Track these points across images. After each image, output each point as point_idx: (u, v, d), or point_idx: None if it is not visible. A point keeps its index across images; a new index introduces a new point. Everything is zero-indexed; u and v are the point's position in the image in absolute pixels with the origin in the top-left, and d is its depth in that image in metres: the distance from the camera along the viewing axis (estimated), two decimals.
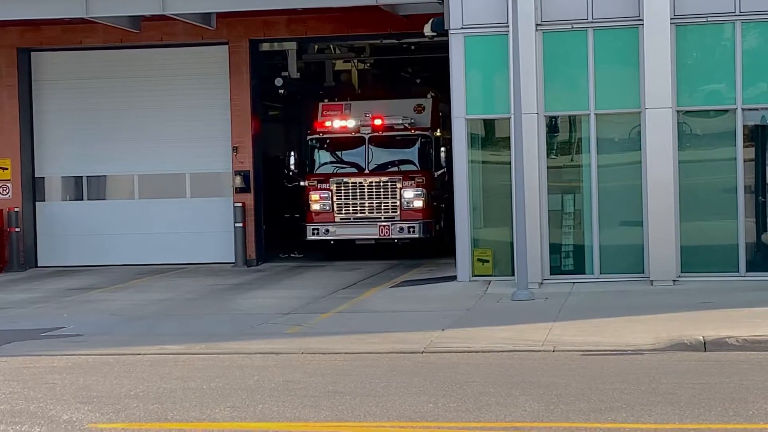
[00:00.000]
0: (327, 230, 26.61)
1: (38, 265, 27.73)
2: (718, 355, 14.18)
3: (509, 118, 20.33)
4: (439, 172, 26.83)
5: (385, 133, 26.81)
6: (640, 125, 20.51)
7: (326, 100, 27.62)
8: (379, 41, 28.64)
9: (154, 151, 27.45)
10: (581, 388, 12.21)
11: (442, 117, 27.03)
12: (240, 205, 26.58)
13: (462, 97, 21.03)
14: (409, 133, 26.81)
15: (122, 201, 27.98)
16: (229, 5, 22.99)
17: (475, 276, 21.01)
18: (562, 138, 21.26)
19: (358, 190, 26.51)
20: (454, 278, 21.26)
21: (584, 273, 20.75)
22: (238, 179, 26.69)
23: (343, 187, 26.59)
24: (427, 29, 22.25)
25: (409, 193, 26.41)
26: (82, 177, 28.10)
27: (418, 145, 26.91)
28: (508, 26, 20.15)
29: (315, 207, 26.67)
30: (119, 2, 23.01)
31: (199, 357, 14.96)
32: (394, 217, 26.39)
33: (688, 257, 20.38)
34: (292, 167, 27.56)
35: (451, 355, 14.63)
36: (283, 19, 25.79)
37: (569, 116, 21.11)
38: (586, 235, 20.76)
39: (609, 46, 20.65)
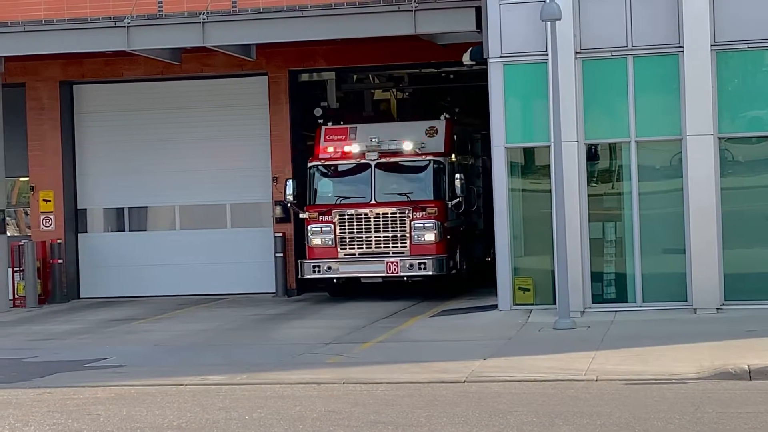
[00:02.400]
0: (329, 267, 24.20)
1: (80, 296, 27.89)
2: (764, 384, 14.04)
3: (549, 147, 20.28)
4: (454, 202, 24.45)
5: (393, 159, 24.57)
6: (681, 152, 20.40)
7: (330, 124, 25.60)
8: (417, 70, 28.64)
9: (194, 182, 27.59)
10: (625, 417, 12.11)
11: (458, 141, 25.61)
12: (280, 235, 26.64)
13: (501, 125, 21.01)
14: (419, 158, 24.61)
15: (163, 232, 28.13)
16: (269, 37, 23.13)
17: (516, 305, 20.92)
18: (602, 166, 21.19)
19: (363, 223, 24.21)
20: (494, 307, 21.18)
21: (626, 301, 20.62)
22: (278, 209, 26.75)
23: (347, 220, 24.28)
24: (466, 58, 22.31)
25: (419, 226, 24.04)
26: (123, 208, 28.29)
27: (430, 171, 24.62)
28: (547, 54, 20.11)
29: (316, 241, 24.38)
30: (160, 35, 23.21)
31: (240, 387, 14.98)
32: (403, 252, 24.02)
33: (731, 285, 20.21)
34: (290, 197, 24.93)
35: (494, 384, 14.56)
36: (322, 50, 25.92)
37: (609, 144, 21.04)
38: (628, 263, 20.64)
39: (649, 73, 20.58)
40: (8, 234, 26.60)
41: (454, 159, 25.06)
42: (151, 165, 27.87)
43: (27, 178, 28.02)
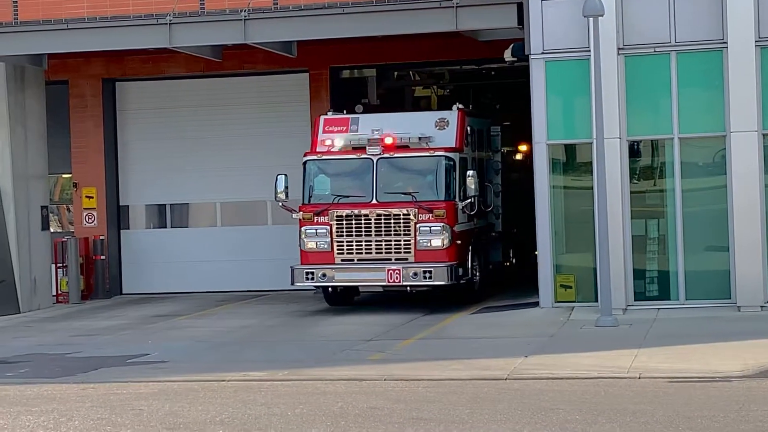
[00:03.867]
0: (323, 275, 21.74)
1: (122, 292, 28.05)
2: None
3: (591, 143, 20.20)
4: (466, 202, 22.02)
5: (397, 154, 21.97)
6: (724, 149, 20.25)
7: (329, 113, 23.44)
8: (458, 67, 28.57)
9: (235, 179, 27.67)
10: (668, 415, 12.04)
11: (472, 134, 23.07)
12: None
13: (543, 122, 20.94)
14: (427, 153, 22.10)
15: (205, 228, 28.24)
16: (310, 34, 23.12)
17: (558, 302, 20.85)
18: (644, 163, 21.07)
19: (363, 225, 21.71)
20: (535, 304, 21.11)
21: (669, 299, 20.49)
22: None
23: (344, 221, 21.79)
24: (508, 54, 22.24)
25: (425, 229, 21.54)
26: (165, 205, 28.42)
27: (439, 168, 22.00)
28: (589, 51, 20.02)
29: (310, 245, 21.94)
30: (202, 32, 23.27)
31: (282, 383, 15.01)
32: (407, 259, 21.54)
33: None
34: (280, 195, 22.48)
35: (535, 381, 14.52)
36: (363, 46, 25.89)
37: (652, 141, 20.92)
38: (671, 260, 20.52)
39: (692, 69, 20.44)
40: (51, 230, 26.80)
41: (466, 154, 22.69)
42: (192, 161, 27.99)
43: (70, 175, 28.23)
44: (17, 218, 24.82)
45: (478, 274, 22.80)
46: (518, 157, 27.03)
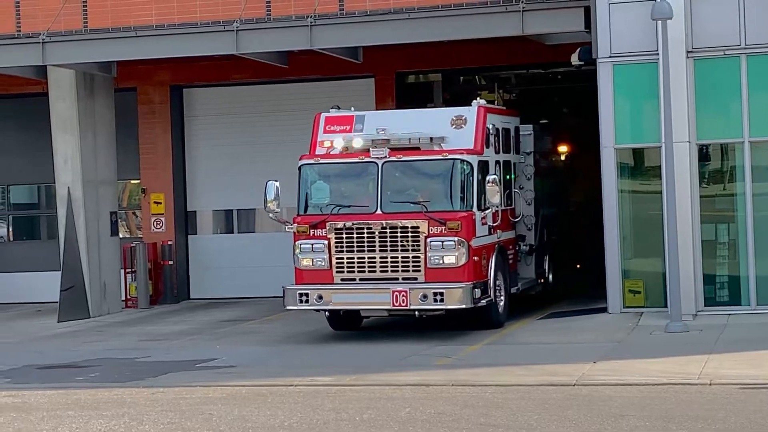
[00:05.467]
0: (319, 297, 19.10)
1: (190, 297, 28.25)
2: None
3: (659, 147, 20.03)
4: (486, 212, 19.39)
5: (405, 157, 19.25)
6: None
7: (331, 110, 20.87)
8: (524, 71, 28.46)
9: None
10: (740, 422, 11.89)
11: (496, 134, 20.49)
12: None
13: (611, 126, 20.79)
14: (440, 156, 19.34)
15: (271, 233, 28.30)
16: (376, 39, 23.14)
17: (627, 307, 20.67)
18: (714, 167, 20.86)
19: (366, 239, 19.03)
20: (603, 310, 20.95)
21: (740, 304, 20.25)
22: None
23: (344, 234, 19.11)
24: (574, 58, 22.09)
25: (437, 245, 18.78)
26: (232, 210, 28.60)
27: (453, 173, 19.24)
28: (657, 54, 19.86)
29: (305, 262, 19.27)
30: (268, 38, 23.40)
31: (350, 388, 15.04)
32: (416, 279, 18.82)
33: None
34: (271, 205, 19.70)
35: (604, 387, 14.41)
36: (428, 51, 25.86)
37: (722, 144, 20.70)
38: (742, 265, 20.26)
39: (763, 71, 20.17)
40: (120, 236, 27.07)
41: (487, 157, 19.94)
42: (258, 167, 28.09)
43: (138, 181, 28.50)
44: (87, 224, 25.10)
45: (502, 294, 20.14)
46: (560, 160, 25.43)
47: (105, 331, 22.89)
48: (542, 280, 22.82)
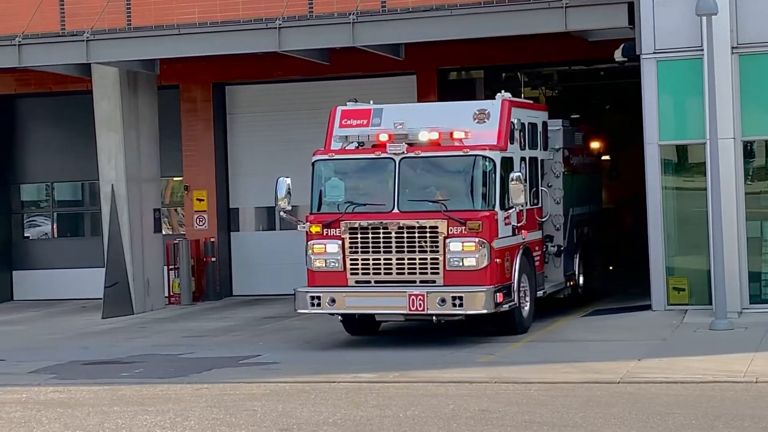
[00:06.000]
0: (332, 300, 18.21)
1: (233, 293, 28.36)
2: None
3: (704, 144, 19.88)
4: (509, 212, 18.46)
5: (424, 153, 18.39)
6: None
7: (348, 104, 19.95)
8: (567, 68, 28.34)
9: None
10: None
11: (522, 129, 19.45)
12: None
13: (655, 122, 20.66)
14: (460, 152, 18.39)
15: None
16: (418, 36, 23.12)
17: (671, 305, 20.54)
18: (759, 163, 20.68)
19: (382, 239, 18.16)
20: (647, 307, 20.83)
21: None
22: None
23: (359, 234, 18.27)
24: (618, 54, 21.98)
25: (456, 246, 17.86)
26: (274, 207, 28.60)
27: (475, 170, 18.32)
28: (702, 50, 19.72)
29: (318, 263, 18.46)
30: (310, 36, 23.43)
31: (393, 385, 15.04)
32: (434, 281, 17.94)
33: None
34: (281, 203, 19.08)
35: (649, 385, 14.35)
36: (470, 48, 25.81)
37: (767, 141, 20.51)
38: None
39: None
40: (163, 233, 27.21)
41: (511, 153, 18.98)
42: (300, 164, 28.03)
43: (181, 178, 28.64)
44: (130, 221, 25.26)
45: (527, 298, 19.22)
46: (595, 157, 24.58)
47: (148, 327, 23.02)
48: (572, 283, 21.79)
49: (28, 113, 29.87)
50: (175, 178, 28.89)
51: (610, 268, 24.75)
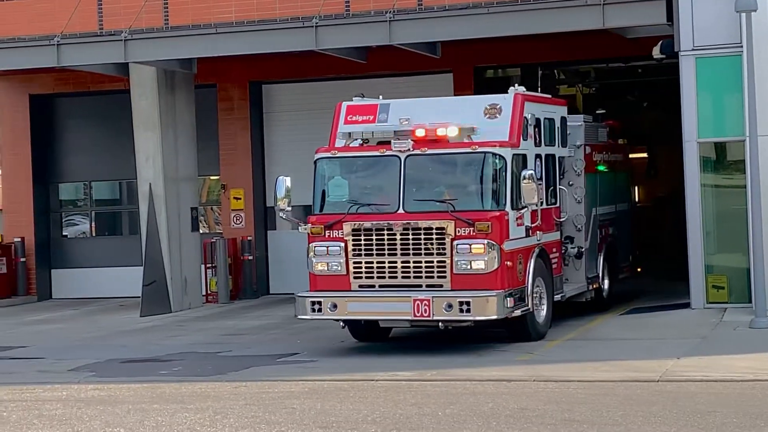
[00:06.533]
0: (334, 305, 17.37)
1: (270, 292, 28.42)
2: None
3: (743, 141, 19.74)
4: (521, 212, 17.58)
5: (431, 150, 17.47)
6: None
7: (355, 99, 19.11)
8: (604, 65, 28.21)
9: None
10: None
11: (537, 125, 18.55)
12: None
13: (694, 120, 20.54)
14: (469, 149, 17.44)
15: None
16: (455, 34, 23.08)
17: (710, 303, 20.42)
18: None
19: (386, 241, 17.31)
20: (686, 305, 20.72)
21: None
22: None
23: (363, 236, 17.43)
24: (656, 51, 21.85)
25: (464, 248, 16.95)
26: (310, 206, 28.63)
27: (485, 168, 17.40)
28: (741, 46, 19.58)
29: (319, 267, 17.62)
30: (347, 34, 23.45)
31: (431, 384, 15.03)
32: (441, 285, 17.06)
33: None
34: (281, 203, 18.39)
35: (689, 384, 14.27)
36: (507, 46, 25.75)
37: None
38: None
39: None
40: (200, 231, 27.31)
41: (524, 150, 18.02)
42: None
43: (217, 177, 28.73)
44: (168, 220, 25.37)
45: (544, 302, 18.40)
46: (624, 154, 23.71)
47: (186, 325, 23.11)
48: (595, 286, 20.85)
49: (66, 113, 30.08)
50: (212, 177, 28.99)
51: (638, 270, 24.05)
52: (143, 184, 25.39)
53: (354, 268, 17.49)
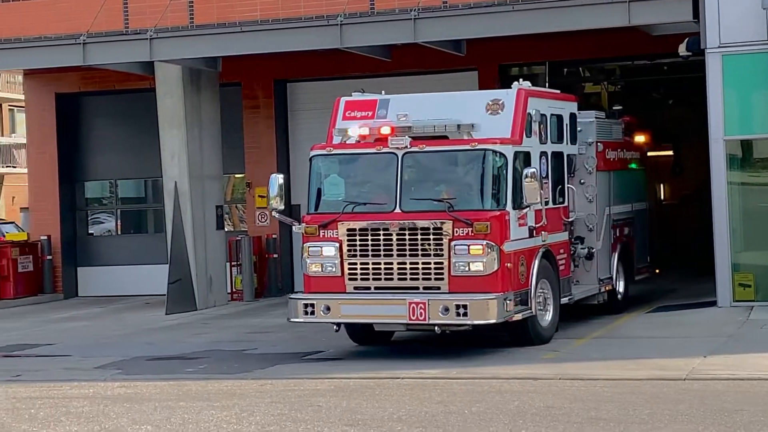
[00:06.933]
0: (327, 308, 16.80)
1: (294, 290, 28.40)
2: None
3: None
4: (523, 212, 16.85)
5: (429, 148, 16.77)
6: None
7: (354, 95, 18.49)
8: (630, 62, 28.12)
9: None
10: None
11: (542, 121, 17.76)
12: None
13: (720, 117, 20.45)
14: (468, 146, 16.76)
15: None
16: (480, 32, 23.05)
17: (736, 301, 20.34)
18: None
19: (382, 242, 16.70)
20: (712, 303, 20.64)
21: None
22: None
23: (358, 236, 16.83)
24: (682, 49, 21.76)
25: (462, 249, 16.31)
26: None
27: (485, 166, 16.69)
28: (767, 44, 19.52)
29: (314, 268, 17.12)
30: (372, 32, 23.46)
31: (457, 381, 15.01)
32: (438, 288, 16.46)
33: None
34: (273, 203, 17.97)
35: (716, 382, 14.20)
36: (532, 43, 25.70)
37: None
38: None
39: None
40: (225, 229, 27.38)
41: (528, 147, 17.27)
42: None
43: (242, 175, 28.79)
44: (193, 218, 25.44)
45: (549, 306, 17.71)
46: (642, 151, 22.80)
47: (211, 323, 23.17)
48: (608, 288, 20.18)
49: (92, 111, 30.21)
50: (236, 175, 29.07)
51: (657, 271, 23.50)
52: (168, 182, 25.48)
53: (349, 269, 16.90)
